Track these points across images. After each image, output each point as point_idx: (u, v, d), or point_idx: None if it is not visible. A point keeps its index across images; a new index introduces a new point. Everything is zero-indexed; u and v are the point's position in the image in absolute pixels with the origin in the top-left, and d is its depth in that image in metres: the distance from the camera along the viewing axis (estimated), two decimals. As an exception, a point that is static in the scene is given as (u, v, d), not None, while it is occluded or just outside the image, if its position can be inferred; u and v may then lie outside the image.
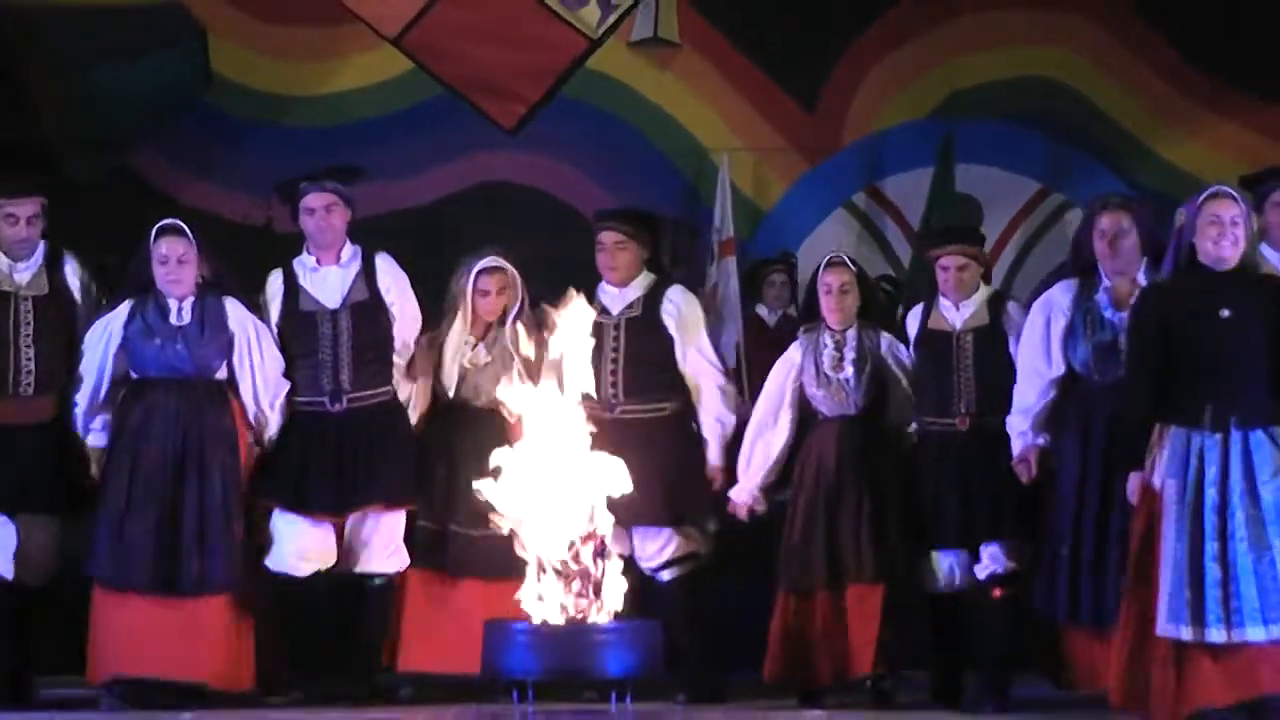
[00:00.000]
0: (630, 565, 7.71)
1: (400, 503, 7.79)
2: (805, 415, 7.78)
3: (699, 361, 8.03)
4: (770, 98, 10.55)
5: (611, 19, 8.51)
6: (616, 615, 7.29)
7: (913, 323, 7.82)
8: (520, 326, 7.86)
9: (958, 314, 7.58)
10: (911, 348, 7.70)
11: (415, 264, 8.26)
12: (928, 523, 7.53)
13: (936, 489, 7.52)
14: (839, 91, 10.52)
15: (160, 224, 7.64)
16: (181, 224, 7.66)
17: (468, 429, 7.80)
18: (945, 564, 7.53)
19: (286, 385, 7.73)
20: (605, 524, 7.31)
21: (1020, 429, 7.31)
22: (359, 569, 7.78)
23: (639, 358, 8.00)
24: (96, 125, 9.88)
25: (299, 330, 7.70)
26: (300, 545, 7.68)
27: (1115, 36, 10.30)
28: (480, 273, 7.95)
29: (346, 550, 7.77)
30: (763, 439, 7.77)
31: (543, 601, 7.27)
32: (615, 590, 7.29)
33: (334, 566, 7.80)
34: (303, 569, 7.70)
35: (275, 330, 7.71)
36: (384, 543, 7.77)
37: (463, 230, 9.49)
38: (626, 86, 10.21)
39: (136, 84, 10.00)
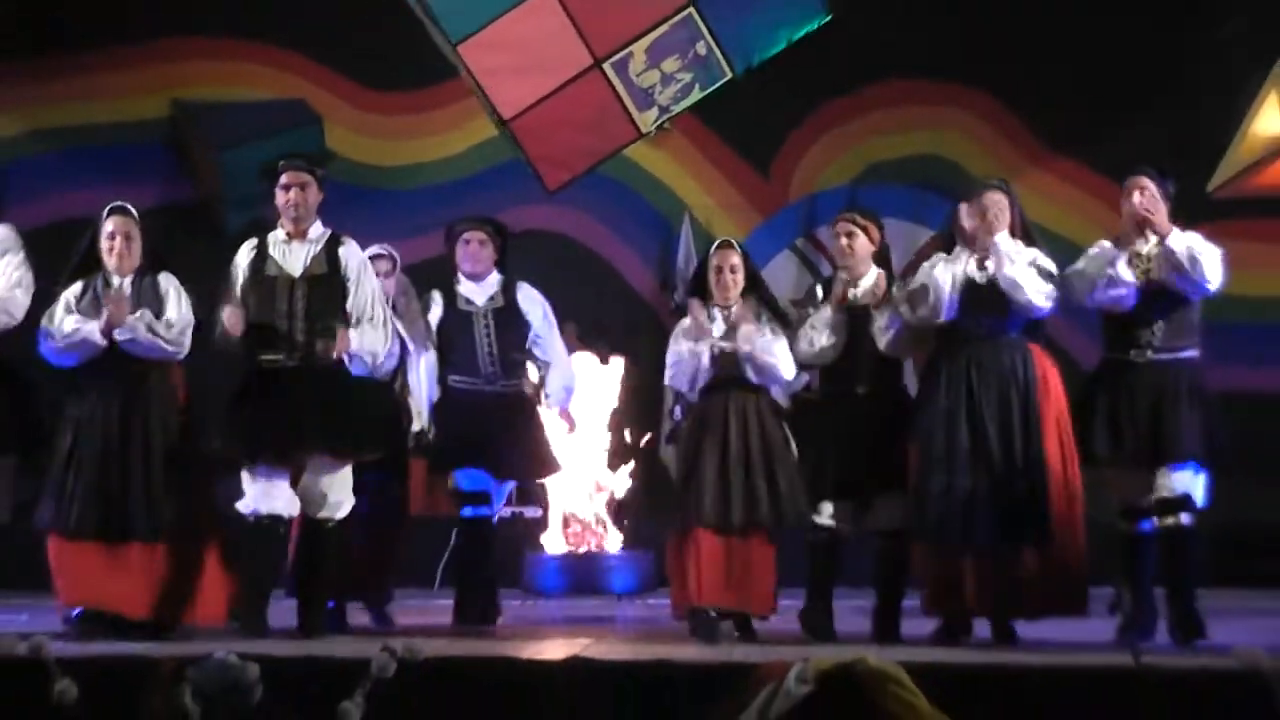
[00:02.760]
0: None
1: (344, 454, 6.46)
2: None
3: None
4: (735, 168, 10.70)
5: (664, 119, 8.51)
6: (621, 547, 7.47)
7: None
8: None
9: (855, 291, 6.48)
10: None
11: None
12: (823, 476, 6.38)
13: (837, 446, 6.38)
14: (786, 164, 10.66)
15: (110, 205, 6.50)
16: (128, 205, 6.51)
17: None
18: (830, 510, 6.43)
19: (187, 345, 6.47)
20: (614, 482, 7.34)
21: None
22: (315, 515, 6.43)
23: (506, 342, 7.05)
24: (241, 189, 9.55)
25: (263, 293, 6.40)
26: (262, 488, 6.37)
27: (984, 120, 10.41)
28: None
29: (303, 496, 6.43)
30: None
31: (569, 537, 7.43)
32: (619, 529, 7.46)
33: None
34: (276, 507, 6.35)
35: (240, 293, 6.43)
36: (336, 490, 6.47)
37: (513, 265, 9.48)
38: (630, 160, 10.16)
39: (270, 158, 9.97)
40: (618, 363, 8.76)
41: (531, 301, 7.06)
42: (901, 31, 10.16)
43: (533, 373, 7.22)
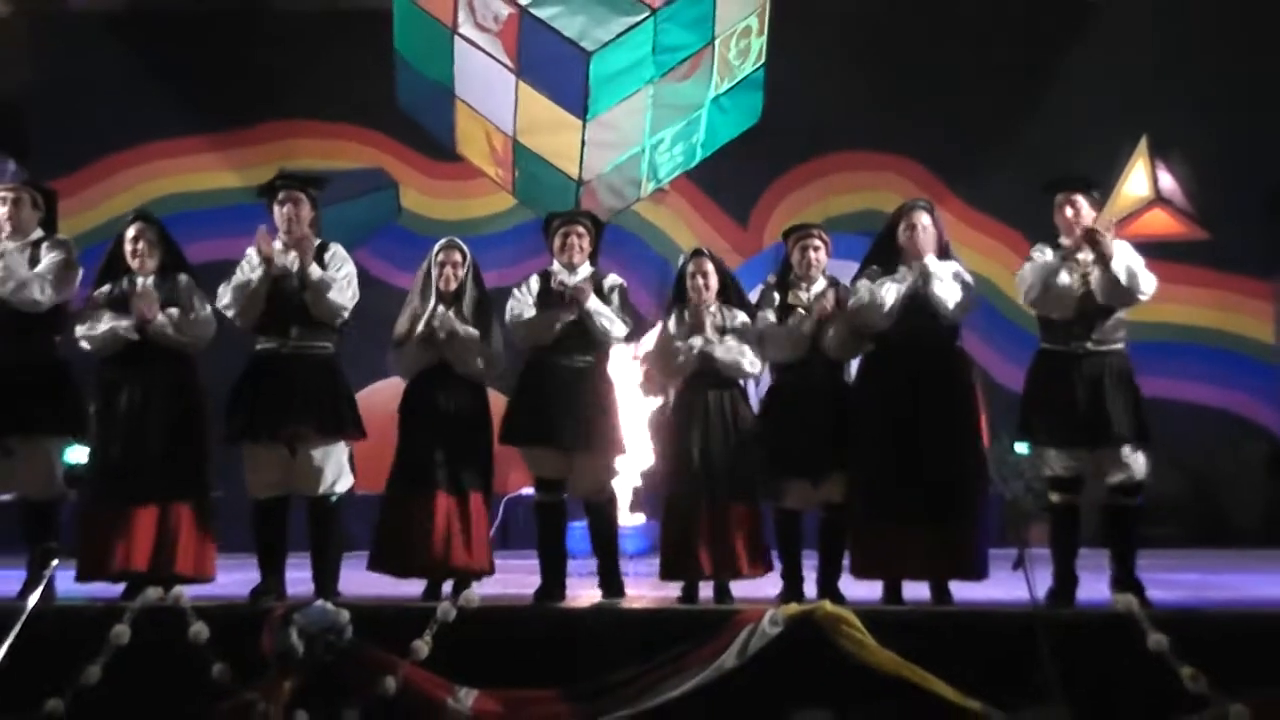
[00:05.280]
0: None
1: (334, 435, 5.88)
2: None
3: None
4: (719, 218, 10.71)
5: (660, 188, 8.76)
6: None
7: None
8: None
9: (808, 293, 6.02)
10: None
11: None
12: (782, 455, 5.87)
13: (795, 428, 5.87)
14: (761, 215, 10.66)
15: (131, 212, 6.08)
16: (148, 212, 6.08)
17: None
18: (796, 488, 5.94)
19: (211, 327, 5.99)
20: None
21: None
22: (319, 491, 5.86)
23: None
24: (334, 239, 9.70)
25: (273, 289, 5.85)
26: (254, 472, 5.88)
27: (916, 184, 10.38)
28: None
29: (302, 477, 5.85)
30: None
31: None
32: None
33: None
34: (262, 493, 5.85)
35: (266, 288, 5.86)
36: (333, 467, 5.90)
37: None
38: (635, 212, 10.04)
39: (358, 215, 9.99)
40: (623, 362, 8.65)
41: (613, 283, 6.12)
42: (849, 114, 10.37)
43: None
